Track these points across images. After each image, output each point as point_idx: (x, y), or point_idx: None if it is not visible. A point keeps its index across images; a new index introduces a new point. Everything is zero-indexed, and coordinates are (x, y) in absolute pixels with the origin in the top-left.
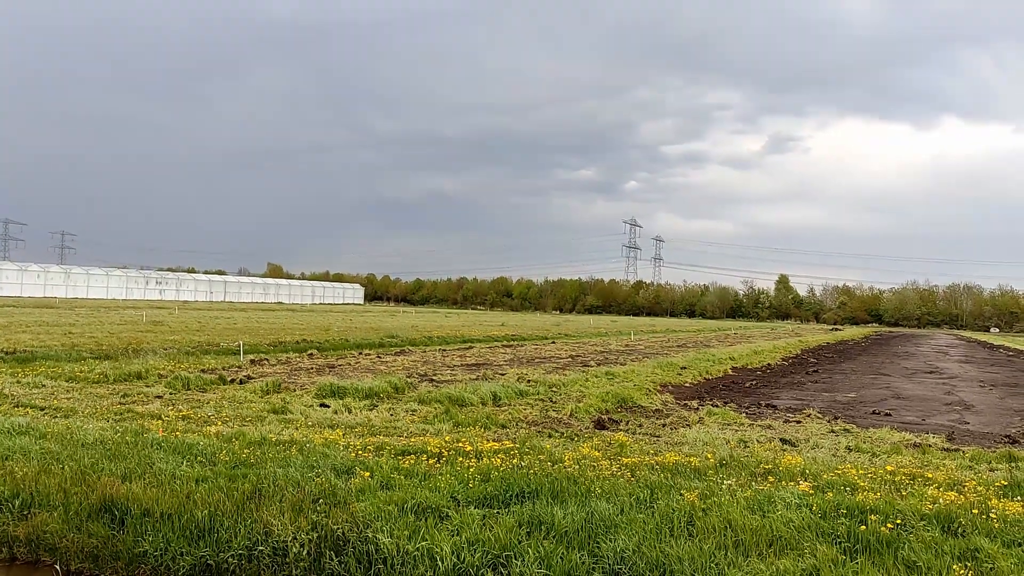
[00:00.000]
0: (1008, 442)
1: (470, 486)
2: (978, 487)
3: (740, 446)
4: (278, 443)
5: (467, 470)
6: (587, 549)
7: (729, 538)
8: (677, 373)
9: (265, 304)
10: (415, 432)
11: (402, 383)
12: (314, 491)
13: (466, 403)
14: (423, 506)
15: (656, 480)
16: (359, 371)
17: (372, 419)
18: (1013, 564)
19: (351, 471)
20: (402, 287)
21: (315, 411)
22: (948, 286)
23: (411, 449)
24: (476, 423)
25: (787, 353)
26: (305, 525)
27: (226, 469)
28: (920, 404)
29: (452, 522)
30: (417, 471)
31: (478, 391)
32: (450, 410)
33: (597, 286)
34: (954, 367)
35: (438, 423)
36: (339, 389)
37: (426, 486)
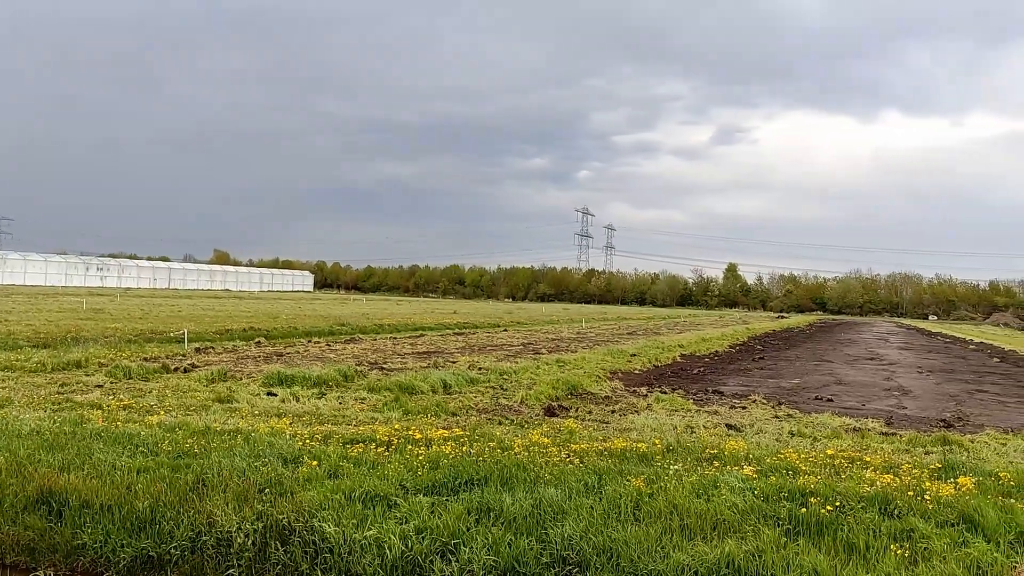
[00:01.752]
0: (943, 426)
1: (419, 474)
2: (914, 470)
3: (687, 432)
4: (223, 432)
5: (416, 458)
6: (535, 535)
7: (675, 522)
8: (627, 360)
9: (211, 291)
10: (364, 420)
11: (351, 371)
12: (260, 481)
13: (416, 391)
14: (371, 494)
15: (604, 466)
16: (308, 359)
17: (320, 407)
18: (945, 544)
19: (298, 460)
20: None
21: (262, 400)
22: (889, 275)
23: (360, 437)
24: (426, 411)
25: (735, 340)
26: (250, 515)
27: (169, 459)
28: (861, 390)
29: (400, 510)
30: (365, 459)
31: (428, 379)
32: (400, 398)
33: (550, 274)
34: (894, 354)
35: (387, 411)
36: (287, 377)
37: (375, 474)
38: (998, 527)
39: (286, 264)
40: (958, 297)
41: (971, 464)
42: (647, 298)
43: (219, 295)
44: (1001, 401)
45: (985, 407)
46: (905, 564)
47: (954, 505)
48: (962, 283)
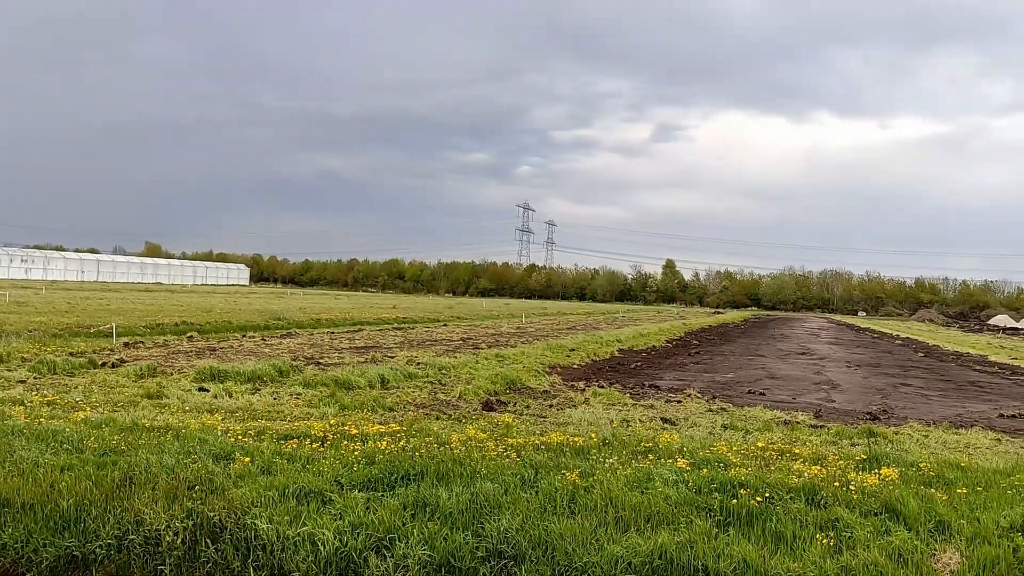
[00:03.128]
0: (869, 418)
1: (355, 469)
2: (840, 461)
3: (623, 425)
4: (152, 429)
5: (352, 453)
6: (471, 529)
7: (610, 514)
8: (566, 355)
9: (142, 284)
10: (299, 416)
11: (287, 366)
12: (190, 478)
13: (353, 386)
14: (305, 491)
15: (541, 460)
16: (242, 354)
17: (254, 403)
18: (869, 532)
19: (230, 456)
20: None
21: (193, 395)
22: (821, 272)
23: (294, 433)
24: (363, 406)
25: (672, 335)
26: (180, 513)
27: (94, 457)
28: (792, 384)
29: (335, 506)
30: (300, 455)
31: (366, 374)
32: (336, 393)
33: (490, 269)
34: (824, 348)
35: (323, 407)
36: (220, 373)
37: (309, 470)
38: (919, 516)
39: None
40: (886, 294)
41: (895, 455)
42: (587, 293)
43: (150, 288)
44: (924, 394)
45: (909, 400)
46: (830, 553)
47: (878, 495)
48: (890, 280)
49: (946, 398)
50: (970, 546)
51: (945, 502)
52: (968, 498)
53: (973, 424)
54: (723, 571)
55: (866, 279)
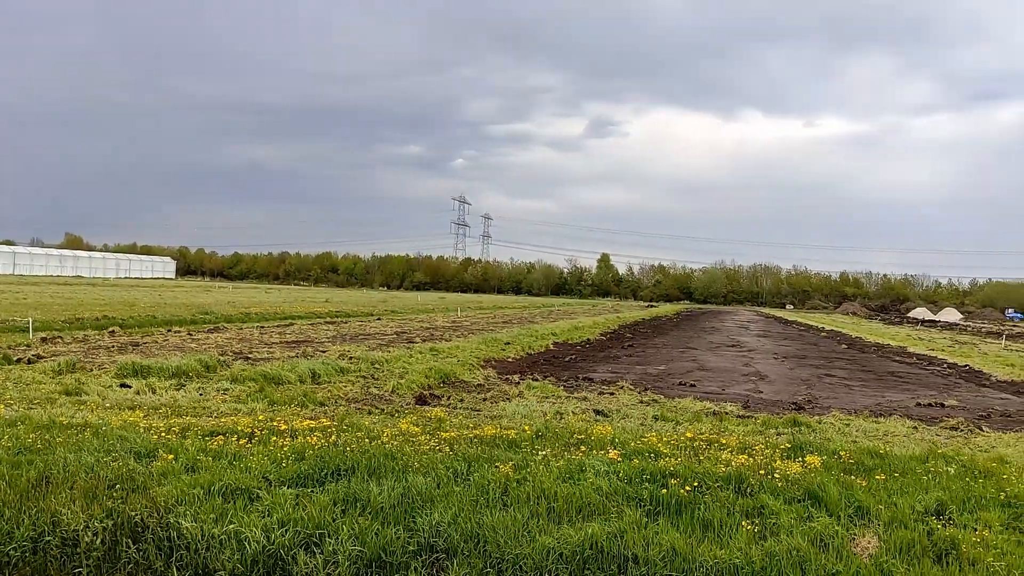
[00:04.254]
0: (794, 408)
1: (283, 465)
2: (766, 450)
3: (556, 417)
4: (70, 427)
5: (281, 449)
6: (403, 524)
7: (542, 506)
8: (501, 348)
9: (62, 278)
10: (226, 412)
11: (214, 361)
12: (110, 476)
13: (283, 381)
14: (232, 488)
15: (473, 453)
16: (167, 349)
17: (179, 399)
18: (792, 519)
19: (153, 454)
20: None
21: (115, 392)
22: (751, 266)
23: (220, 429)
24: (293, 401)
25: (606, 329)
26: (99, 513)
27: (8, 455)
28: (722, 375)
29: (263, 503)
30: (226, 452)
31: (296, 369)
32: (265, 388)
33: (426, 262)
34: (753, 341)
35: (252, 402)
36: (143, 368)
37: (236, 467)
38: (839, 502)
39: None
40: (812, 287)
41: (818, 444)
42: (523, 287)
43: (70, 282)
44: (847, 384)
45: (833, 390)
46: (755, 539)
47: (801, 482)
48: (816, 274)
49: (867, 388)
50: (887, 530)
51: (864, 488)
52: (886, 484)
53: (892, 413)
54: (652, 559)
55: (793, 273)
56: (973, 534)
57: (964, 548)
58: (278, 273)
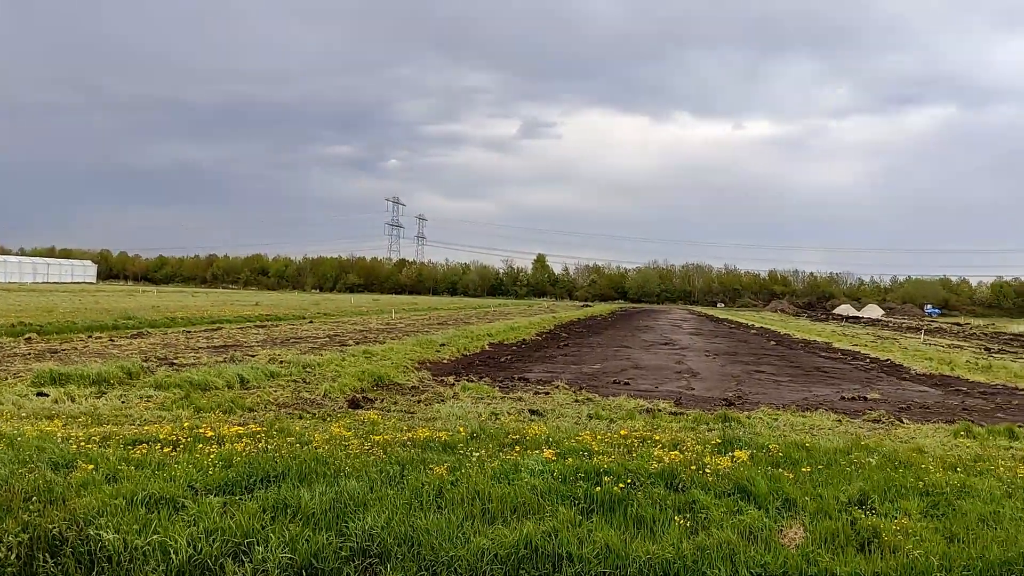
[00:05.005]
0: (725, 404)
1: (210, 473)
2: (697, 445)
3: (491, 418)
4: None
5: (207, 457)
6: (335, 529)
7: (477, 507)
8: (436, 350)
9: None
10: (150, 419)
11: (137, 368)
12: (26, 489)
13: (210, 387)
14: (156, 497)
15: (407, 456)
16: (87, 356)
17: (100, 407)
18: (723, 512)
19: (72, 464)
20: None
21: (31, 401)
22: (683, 266)
23: (144, 438)
24: (220, 407)
25: (542, 329)
26: (14, 527)
27: None
28: (655, 373)
29: (189, 512)
30: (150, 461)
31: (224, 374)
32: (191, 395)
33: (359, 264)
34: (685, 339)
35: (177, 409)
36: (61, 376)
37: (160, 476)
38: (768, 495)
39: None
40: (743, 286)
41: (747, 438)
42: (459, 288)
43: None
44: (776, 380)
45: (762, 386)
46: (687, 534)
47: (731, 476)
48: (746, 273)
49: (795, 383)
50: (813, 521)
51: (791, 481)
52: (812, 476)
53: (818, 407)
54: (586, 557)
55: (724, 272)
56: (894, 522)
57: (886, 536)
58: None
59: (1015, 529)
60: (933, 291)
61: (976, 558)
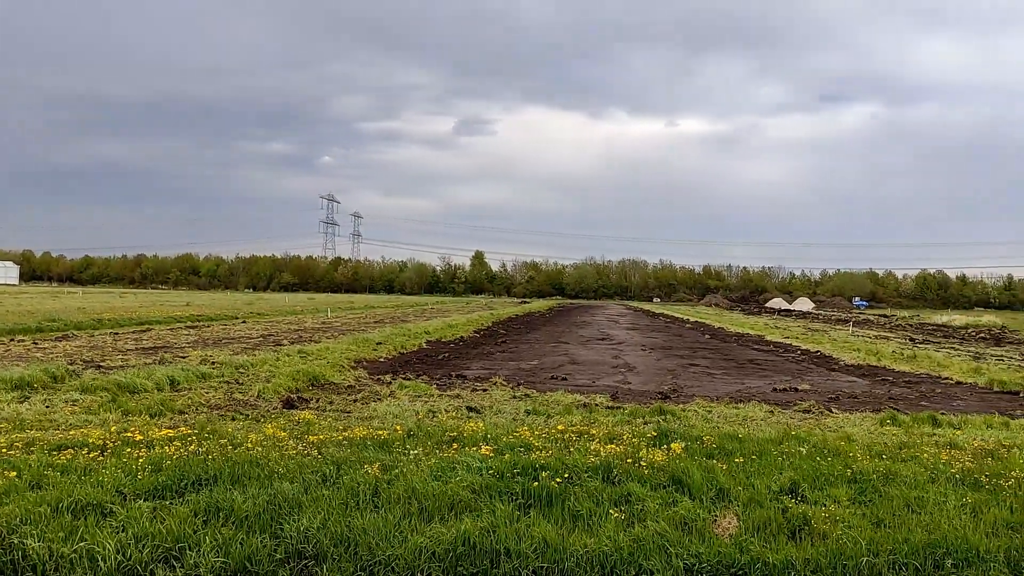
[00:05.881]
0: (660, 398)
1: (139, 478)
2: (633, 439)
3: (429, 416)
4: None
5: (136, 461)
6: (269, 531)
7: (414, 506)
8: (373, 349)
9: None
10: (76, 424)
11: (62, 371)
12: None
13: (139, 390)
14: (82, 504)
15: (343, 456)
16: (8, 359)
17: (22, 413)
18: (658, 504)
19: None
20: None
21: None
22: (620, 261)
23: (69, 443)
24: (149, 410)
25: (480, 326)
26: None
27: None
28: (592, 368)
29: (117, 518)
30: (76, 466)
31: (153, 376)
32: (119, 398)
33: (294, 263)
34: (622, 334)
35: (104, 413)
36: None
37: (87, 482)
38: (702, 486)
39: None
40: (678, 281)
41: (682, 431)
42: (396, 286)
43: None
44: (710, 373)
45: (697, 379)
46: (623, 526)
47: (666, 468)
48: (681, 268)
49: (728, 376)
50: (746, 510)
51: (725, 471)
52: (745, 466)
53: (751, 398)
54: (524, 552)
55: (660, 267)
56: (823, 510)
57: (815, 523)
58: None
59: (938, 513)
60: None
61: (902, 542)
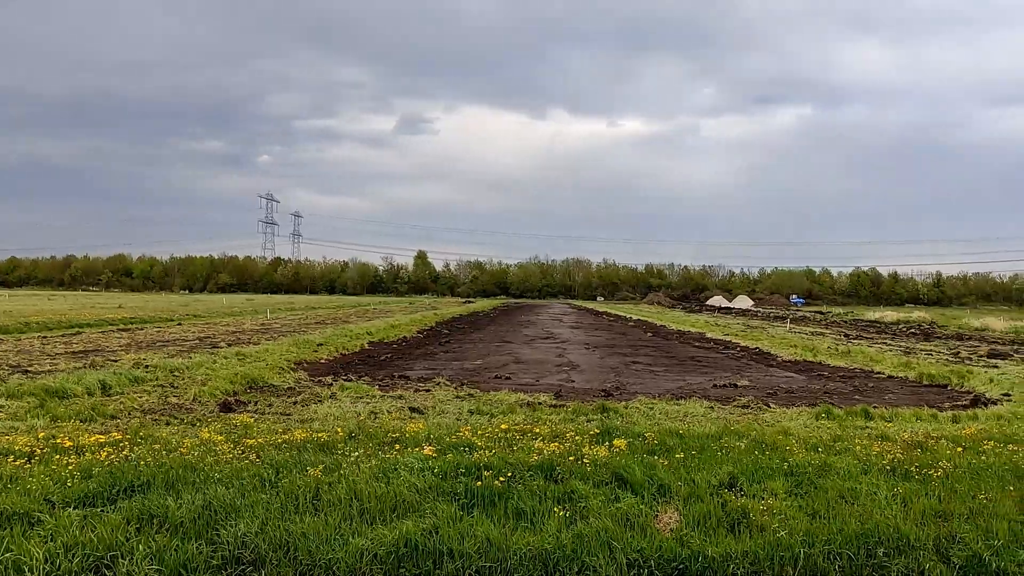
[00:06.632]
0: (603, 395)
1: (68, 485)
2: (576, 436)
3: (371, 417)
4: None
5: (65, 468)
6: (205, 537)
7: (355, 508)
8: (313, 350)
9: None
10: (1, 431)
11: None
12: None
13: (68, 395)
14: (8, 513)
15: (282, 459)
16: None
17: None
18: (601, 501)
19: None
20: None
21: None
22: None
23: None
24: (79, 416)
25: (423, 326)
26: None
27: None
28: (536, 367)
29: (45, 527)
30: (1, 474)
31: (84, 380)
32: (47, 403)
33: (231, 263)
34: (566, 332)
35: (32, 419)
36: None
37: (13, 490)
38: (644, 482)
39: None
40: (621, 279)
41: (624, 428)
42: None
43: None
44: (652, 370)
45: (639, 376)
46: (566, 524)
47: (609, 465)
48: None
49: (670, 373)
50: (687, 505)
51: (666, 467)
52: (685, 462)
53: (691, 395)
54: (467, 552)
55: (603, 266)
56: (761, 503)
57: (754, 516)
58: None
59: (871, 503)
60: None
61: (836, 532)
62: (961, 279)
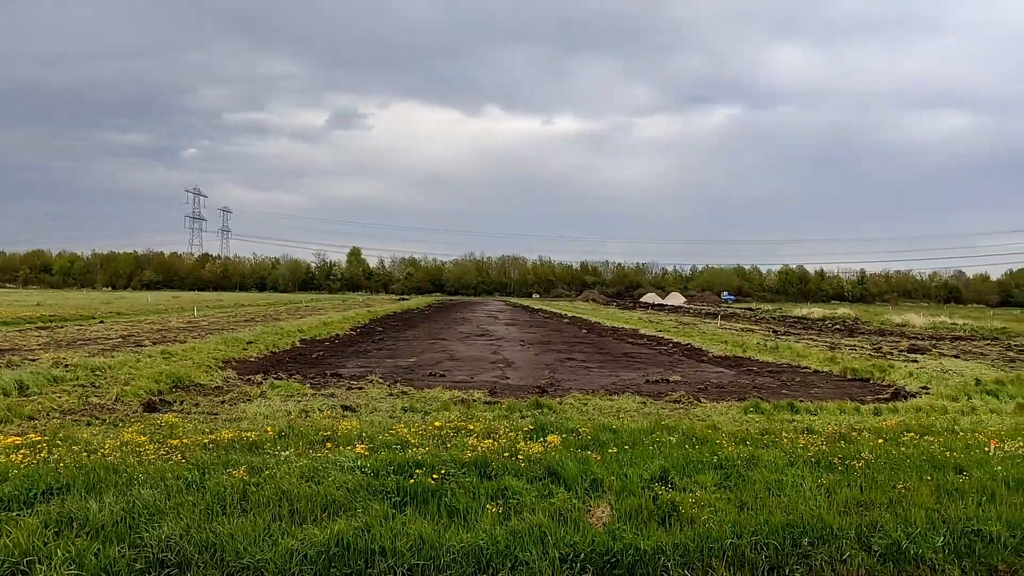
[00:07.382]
0: (538, 392)
1: None
2: (510, 433)
3: (302, 416)
4: None
5: None
6: (128, 540)
7: (284, 508)
8: (243, 348)
9: None
10: None
11: None
12: None
13: None
14: None
15: (208, 459)
16: None
17: None
18: (534, 497)
19: None
20: None
21: None
22: (499, 258)
23: None
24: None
25: (356, 323)
26: None
27: None
28: (471, 364)
29: None
30: None
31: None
32: None
33: (157, 259)
34: (501, 329)
35: None
36: None
37: None
38: (577, 477)
39: None
40: (556, 277)
41: (558, 423)
42: (268, 283)
43: None
44: (586, 367)
45: (573, 372)
46: (500, 520)
47: (542, 461)
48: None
49: (604, 369)
50: (619, 499)
51: (599, 462)
52: (618, 457)
53: (625, 390)
54: (400, 550)
55: (539, 263)
56: (691, 495)
57: (684, 509)
58: None
59: (796, 495)
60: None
61: (763, 523)
62: (884, 277)
